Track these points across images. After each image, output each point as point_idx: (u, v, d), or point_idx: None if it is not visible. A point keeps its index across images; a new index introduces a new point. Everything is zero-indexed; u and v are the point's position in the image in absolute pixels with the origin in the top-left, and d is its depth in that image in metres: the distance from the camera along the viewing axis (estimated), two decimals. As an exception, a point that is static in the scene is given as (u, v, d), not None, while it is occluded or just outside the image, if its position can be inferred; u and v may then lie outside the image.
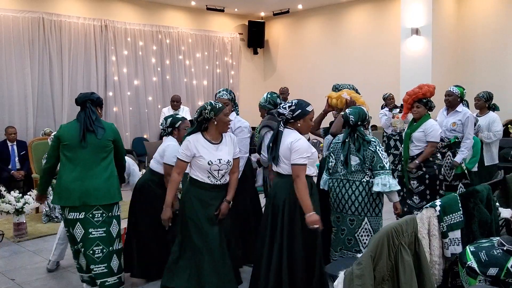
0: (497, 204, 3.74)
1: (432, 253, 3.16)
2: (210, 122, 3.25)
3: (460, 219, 3.30)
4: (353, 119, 3.45)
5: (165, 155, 3.71)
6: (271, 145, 3.23)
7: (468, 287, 2.94)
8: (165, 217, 3.37)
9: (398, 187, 3.38)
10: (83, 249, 3.46)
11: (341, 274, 2.49)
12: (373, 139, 3.47)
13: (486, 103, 5.52)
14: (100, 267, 3.47)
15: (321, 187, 3.63)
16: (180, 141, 3.67)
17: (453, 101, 4.89)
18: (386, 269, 2.49)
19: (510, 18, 7.91)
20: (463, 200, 3.39)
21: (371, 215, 3.41)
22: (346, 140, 3.48)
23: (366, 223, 3.40)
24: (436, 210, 3.20)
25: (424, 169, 4.46)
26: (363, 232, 3.42)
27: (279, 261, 3.14)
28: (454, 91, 4.91)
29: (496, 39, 8.06)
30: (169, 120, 3.84)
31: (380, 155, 3.37)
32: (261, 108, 4.10)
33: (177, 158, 3.33)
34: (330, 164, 3.59)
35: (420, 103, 4.44)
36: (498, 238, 2.97)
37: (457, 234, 3.26)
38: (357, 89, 4.24)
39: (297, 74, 10.95)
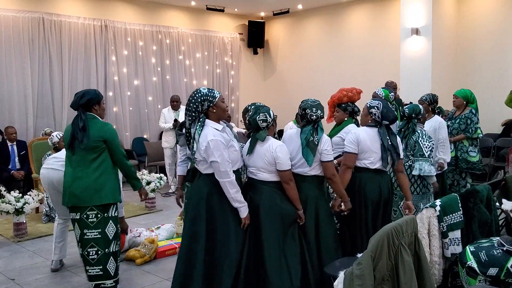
0: (497, 204, 3.75)
1: (432, 253, 3.16)
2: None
3: (460, 219, 3.30)
4: (407, 112, 4.19)
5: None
6: (394, 145, 3.53)
7: (468, 287, 2.94)
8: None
9: (432, 173, 4.04)
10: (80, 249, 3.51)
11: (341, 274, 2.49)
12: (419, 130, 4.19)
13: (429, 107, 5.13)
14: (95, 269, 3.49)
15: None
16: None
17: None
18: (386, 269, 2.49)
19: (509, 18, 7.91)
20: (463, 200, 3.39)
21: (412, 193, 4.00)
22: (402, 129, 4.23)
23: None
24: (436, 210, 3.20)
25: None
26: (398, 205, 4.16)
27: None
28: (379, 93, 4.71)
29: (496, 39, 8.06)
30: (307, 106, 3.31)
31: (421, 144, 4.09)
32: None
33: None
34: None
35: (339, 107, 4.31)
36: (498, 238, 2.97)
37: (457, 234, 3.27)
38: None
39: (297, 74, 10.95)
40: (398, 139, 3.68)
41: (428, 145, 4.13)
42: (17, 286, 3.99)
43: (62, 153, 4.09)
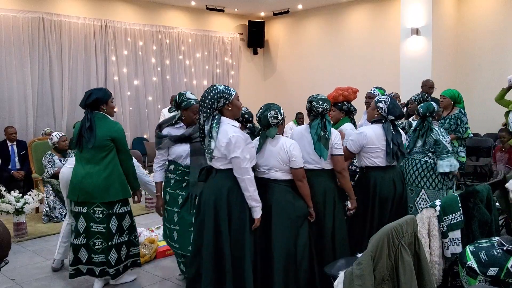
0: (497, 204, 3.74)
1: (432, 253, 3.16)
2: None
3: (460, 219, 3.30)
4: (421, 111, 4.24)
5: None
6: (399, 142, 3.59)
7: (468, 287, 2.94)
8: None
9: (458, 165, 4.15)
10: (85, 239, 3.70)
11: (341, 274, 2.49)
12: (436, 128, 4.24)
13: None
14: (100, 256, 3.71)
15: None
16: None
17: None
18: (386, 269, 2.49)
19: (510, 18, 7.91)
20: (463, 200, 3.38)
21: (428, 188, 4.14)
22: (417, 128, 4.30)
23: (423, 193, 4.17)
24: (436, 210, 3.20)
25: None
26: (421, 200, 4.19)
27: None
28: (374, 93, 4.71)
29: (496, 39, 8.06)
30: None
31: (444, 142, 4.13)
32: None
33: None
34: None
35: (335, 107, 4.34)
36: (498, 238, 2.97)
37: (457, 234, 3.26)
38: None
39: (297, 74, 10.95)
40: (403, 137, 3.72)
41: (448, 140, 4.24)
42: (17, 286, 3.99)
43: None
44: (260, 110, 3.25)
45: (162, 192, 3.66)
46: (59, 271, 4.29)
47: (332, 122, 4.38)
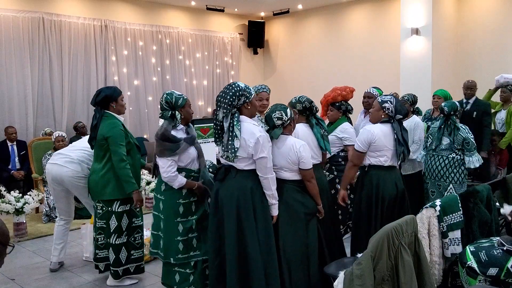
0: (497, 204, 3.74)
1: (432, 253, 3.16)
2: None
3: (460, 219, 3.30)
4: (446, 110, 4.34)
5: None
6: (406, 140, 3.64)
7: (468, 287, 2.94)
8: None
9: (482, 160, 4.39)
10: (94, 233, 3.85)
11: (341, 274, 2.49)
12: (463, 127, 4.36)
13: (411, 107, 4.95)
14: (104, 251, 3.82)
15: (417, 160, 4.67)
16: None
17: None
18: (386, 269, 2.49)
19: (509, 18, 7.91)
20: (463, 200, 3.39)
21: (455, 183, 4.35)
22: (442, 126, 4.41)
23: (451, 188, 4.37)
24: (436, 210, 3.20)
25: (335, 173, 4.52)
26: (449, 194, 4.27)
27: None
28: (374, 93, 4.68)
29: (496, 39, 8.05)
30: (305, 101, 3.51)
31: (471, 139, 4.30)
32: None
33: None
34: (428, 143, 4.54)
35: (333, 106, 4.38)
36: (498, 238, 2.97)
37: (457, 234, 3.26)
38: None
39: (297, 74, 10.95)
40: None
41: (472, 137, 4.39)
42: (17, 286, 3.99)
43: (67, 149, 4.26)
44: (268, 111, 3.29)
45: (161, 204, 3.41)
46: (59, 271, 4.29)
47: (330, 122, 4.48)
